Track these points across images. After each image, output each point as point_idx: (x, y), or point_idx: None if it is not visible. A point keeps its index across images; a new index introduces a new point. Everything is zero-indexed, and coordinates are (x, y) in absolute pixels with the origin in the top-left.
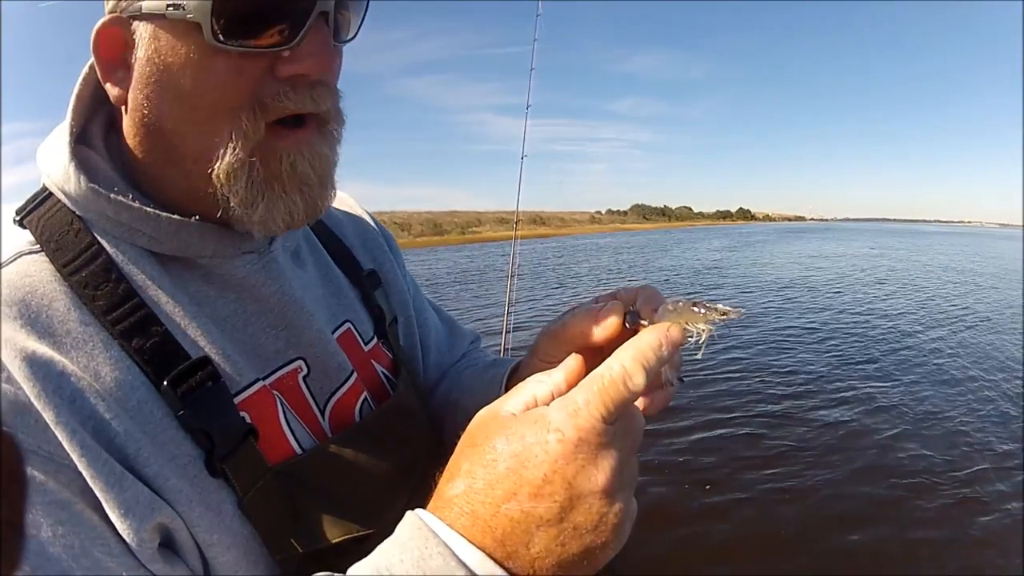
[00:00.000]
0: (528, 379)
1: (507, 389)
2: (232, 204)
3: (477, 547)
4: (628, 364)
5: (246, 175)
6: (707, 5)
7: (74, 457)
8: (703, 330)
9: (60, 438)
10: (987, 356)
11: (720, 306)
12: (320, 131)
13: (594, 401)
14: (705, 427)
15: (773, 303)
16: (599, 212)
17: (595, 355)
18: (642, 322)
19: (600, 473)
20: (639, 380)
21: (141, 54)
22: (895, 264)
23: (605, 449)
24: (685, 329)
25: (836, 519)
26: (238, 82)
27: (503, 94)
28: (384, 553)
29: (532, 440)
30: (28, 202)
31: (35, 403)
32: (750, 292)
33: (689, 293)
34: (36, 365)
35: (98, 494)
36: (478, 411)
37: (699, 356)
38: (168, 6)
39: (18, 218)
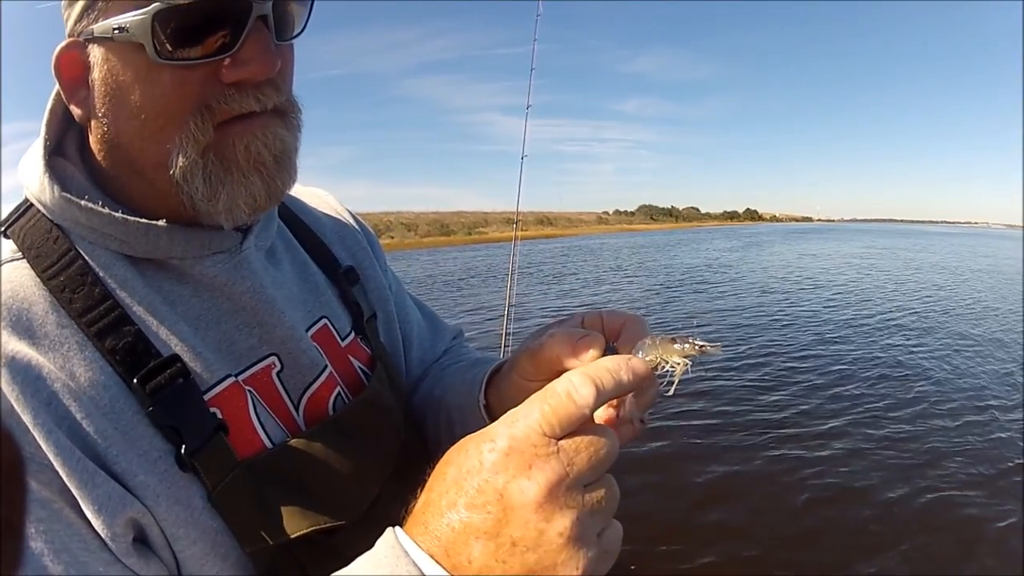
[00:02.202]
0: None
1: (486, 389)
2: (195, 200)
3: (432, 559)
4: (576, 378)
5: (201, 171)
6: (712, 5)
7: (50, 456)
8: (678, 363)
9: (38, 439)
10: (944, 338)
11: (698, 342)
12: (276, 116)
13: (533, 412)
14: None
15: (753, 294)
16: (606, 212)
17: None
18: None
19: (534, 485)
20: (585, 393)
21: (96, 75)
22: (882, 262)
23: (542, 460)
24: (662, 362)
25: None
26: (183, 91)
27: (510, 94)
28: (360, 566)
29: (473, 451)
30: (11, 214)
31: (15, 406)
32: (740, 285)
33: (680, 282)
34: (16, 369)
35: (74, 491)
36: (459, 409)
37: (671, 393)
38: (114, 29)
39: (2, 229)
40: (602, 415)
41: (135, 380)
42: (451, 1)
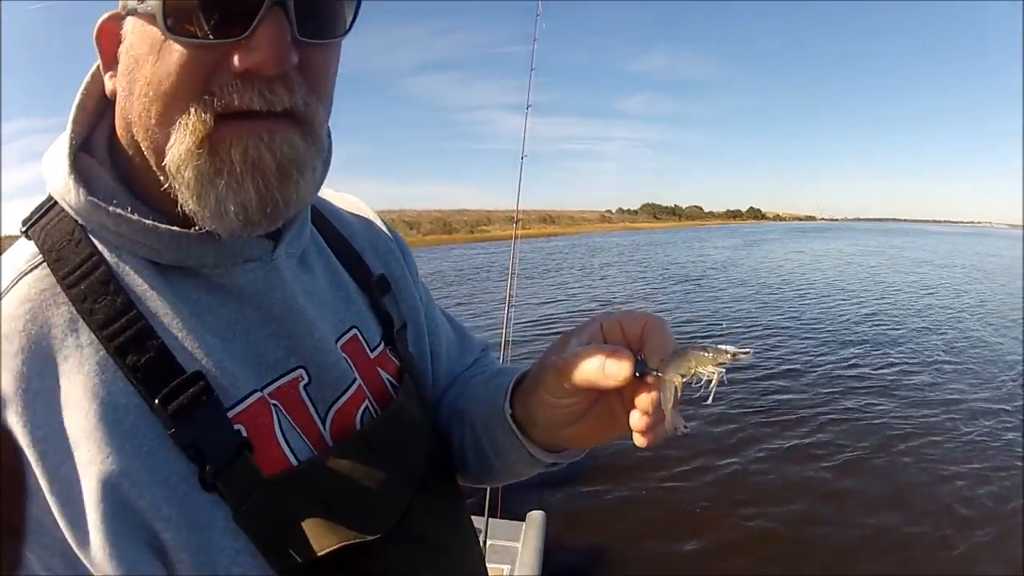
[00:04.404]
0: None
1: (511, 401)
2: (185, 197)
3: None
4: None
5: (193, 164)
6: (716, 4)
7: (61, 524)
8: (713, 373)
9: (51, 503)
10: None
11: (729, 348)
12: (292, 124)
13: None
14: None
15: (733, 285)
16: (609, 211)
17: (600, 393)
18: (652, 372)
19: None
20: None
21: (123, 47)
22: (870, 259)
23: None
24: (698, 372)
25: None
26: (190, 73)
27: (513, 92)
28: None
29: None
30: (33, 212)
31: (35, 468)
32: (725, 279)
33: (671, 277)
34: (36, 426)
35: (81, 558)
36: (484, 421)
37: (709, 401)
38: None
39: (24, 228)
40: (641, 422)
41: (156, 401)
42: (453, 0)
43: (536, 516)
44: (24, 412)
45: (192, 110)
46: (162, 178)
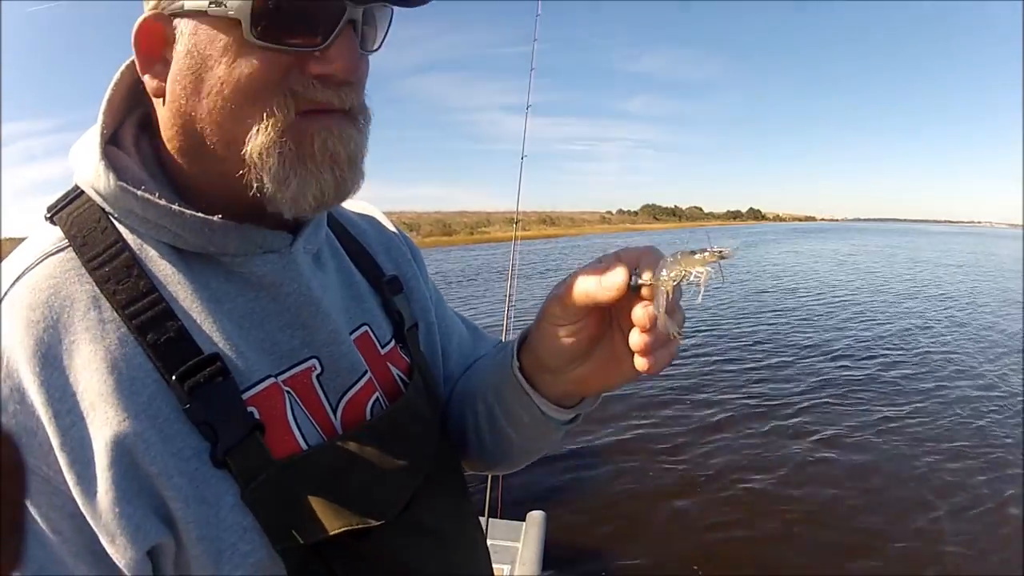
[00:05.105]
0: None
1: (519, 356)
2: (265, 182)
3: None
4: None
5: (277, 151)
6: (718, 4)
7: (70, 483)
8: (701, 272)
9: (61, 463)
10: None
11: (715, 248)
12: (351, 120)
13: None
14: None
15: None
16: (609, 212)
17: (601, 316)
18: (645, 282)
19: None
20: None
21: (180, 48)
22: (862, 258)
23: None
24: (687, 274)
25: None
26: (271, 74)
27: (513, 93)
28: None
29: None
30: (59, 200)
31: (47, 427)
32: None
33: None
34: (52, 387)
35: (89, 520)
36: (495, 388)
37: (699, 300)
38: (210, 3)
39: (49, 215)
40: (639, 340)
41: (173, 377)
42: (453, 0)
43: (536, 516)
44: (41, 373)
45: (275, 104)
46: (209, 165)
